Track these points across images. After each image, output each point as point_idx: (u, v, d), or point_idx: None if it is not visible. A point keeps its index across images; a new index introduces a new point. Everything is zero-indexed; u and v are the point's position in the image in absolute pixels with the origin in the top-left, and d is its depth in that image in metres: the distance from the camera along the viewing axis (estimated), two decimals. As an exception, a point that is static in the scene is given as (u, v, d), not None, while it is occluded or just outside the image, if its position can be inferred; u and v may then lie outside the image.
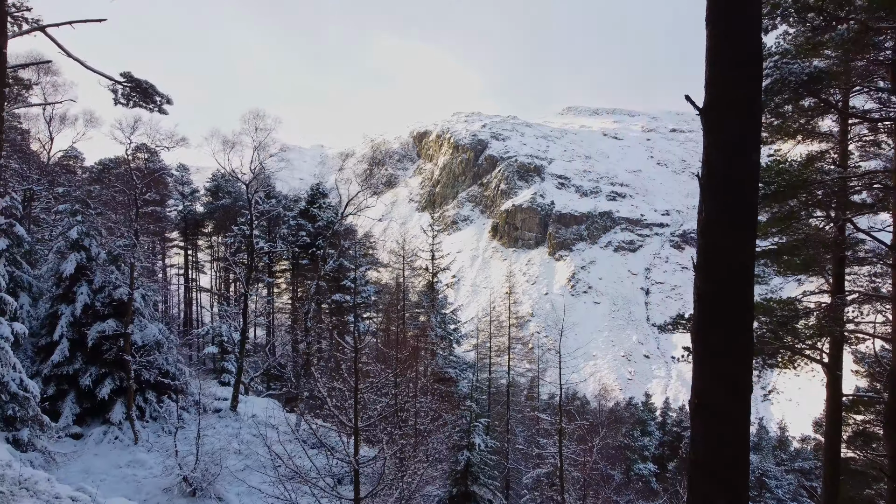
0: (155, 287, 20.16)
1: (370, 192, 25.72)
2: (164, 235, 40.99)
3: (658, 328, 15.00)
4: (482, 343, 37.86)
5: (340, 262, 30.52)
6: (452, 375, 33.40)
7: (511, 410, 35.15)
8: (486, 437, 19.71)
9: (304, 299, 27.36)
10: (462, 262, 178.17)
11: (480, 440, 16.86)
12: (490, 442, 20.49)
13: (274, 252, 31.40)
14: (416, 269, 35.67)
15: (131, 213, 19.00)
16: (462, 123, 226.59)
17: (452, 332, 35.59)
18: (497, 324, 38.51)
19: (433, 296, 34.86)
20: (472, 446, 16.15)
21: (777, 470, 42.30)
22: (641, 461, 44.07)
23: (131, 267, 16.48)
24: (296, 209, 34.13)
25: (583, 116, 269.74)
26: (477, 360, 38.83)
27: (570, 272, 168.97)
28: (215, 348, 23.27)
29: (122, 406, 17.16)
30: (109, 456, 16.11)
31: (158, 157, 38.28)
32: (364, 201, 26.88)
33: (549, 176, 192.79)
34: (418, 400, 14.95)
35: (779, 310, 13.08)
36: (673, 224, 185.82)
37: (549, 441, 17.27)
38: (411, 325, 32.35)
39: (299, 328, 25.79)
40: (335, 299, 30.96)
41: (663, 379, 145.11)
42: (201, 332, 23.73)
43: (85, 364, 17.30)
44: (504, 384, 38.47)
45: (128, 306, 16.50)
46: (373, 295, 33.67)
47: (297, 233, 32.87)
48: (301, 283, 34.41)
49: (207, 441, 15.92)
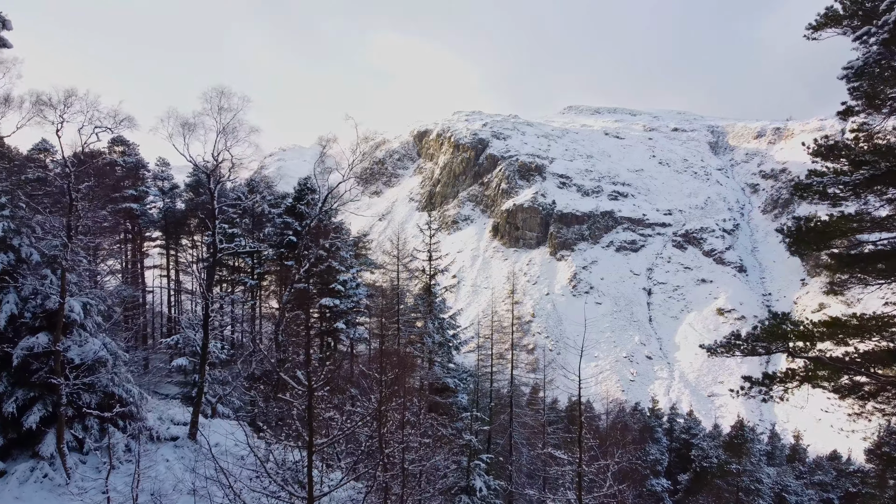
0: (101, 294, 17.51)
1: (356, 183, 22.72)
2: (143, 234, 38.42)
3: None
4: (483, 344, 35.26)
5: (329, 264, 27.93)
6: (451, 385, 30.88)
7: (514, 422, 32.59)
8: (489, 477, 17.12)
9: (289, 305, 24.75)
10: (462, 262, 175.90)
11: (482, 482, 14.38)
12: (493, 483, 17.86)
13: (256, 252, 28.78)
14: (413, 270, 33.16)
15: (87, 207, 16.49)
16: (463, 122, 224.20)
17: (451, 339, 33.04)
18: (499, 327, 35.98)
19: (430, 299, 32.31)
20: (471, 490, 13.70)
21: (797, 484, 39.80)
22: (654, 476, 41.49)
23: (63, 271, 13.80)
24: (283, 206, 31.52)
25: (584, 115, 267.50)
26: (478, 364, 36.32)
27: (572, 272, 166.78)
28: (184, 360, 20.62)
29: (54, 436, 14.57)
30: (33, 500, 13.48)
31: (135, 149, 35.74)
32: (347, 192, 23.78)
33: (550, 175, 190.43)
34: (406, 433, 12.38)
35: None
36: (675, 224, 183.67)
37: (565, 481, 14.72)
38: (407, 332, 29.80)
39: (283, 336, 23.16)
40: (324, 304, 28.39)
41: (665, 380, 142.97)
42: (169, 341, 21.11)
43: (10, 387, 14.50)
44: (506, 391, 36.01)
45: (58, 317, 13.84)
46: (364, 298, 31.06)
47: (283, 231, 30.32)
48: (287, 286, 31.82)
49: (154, 479, 13.35)
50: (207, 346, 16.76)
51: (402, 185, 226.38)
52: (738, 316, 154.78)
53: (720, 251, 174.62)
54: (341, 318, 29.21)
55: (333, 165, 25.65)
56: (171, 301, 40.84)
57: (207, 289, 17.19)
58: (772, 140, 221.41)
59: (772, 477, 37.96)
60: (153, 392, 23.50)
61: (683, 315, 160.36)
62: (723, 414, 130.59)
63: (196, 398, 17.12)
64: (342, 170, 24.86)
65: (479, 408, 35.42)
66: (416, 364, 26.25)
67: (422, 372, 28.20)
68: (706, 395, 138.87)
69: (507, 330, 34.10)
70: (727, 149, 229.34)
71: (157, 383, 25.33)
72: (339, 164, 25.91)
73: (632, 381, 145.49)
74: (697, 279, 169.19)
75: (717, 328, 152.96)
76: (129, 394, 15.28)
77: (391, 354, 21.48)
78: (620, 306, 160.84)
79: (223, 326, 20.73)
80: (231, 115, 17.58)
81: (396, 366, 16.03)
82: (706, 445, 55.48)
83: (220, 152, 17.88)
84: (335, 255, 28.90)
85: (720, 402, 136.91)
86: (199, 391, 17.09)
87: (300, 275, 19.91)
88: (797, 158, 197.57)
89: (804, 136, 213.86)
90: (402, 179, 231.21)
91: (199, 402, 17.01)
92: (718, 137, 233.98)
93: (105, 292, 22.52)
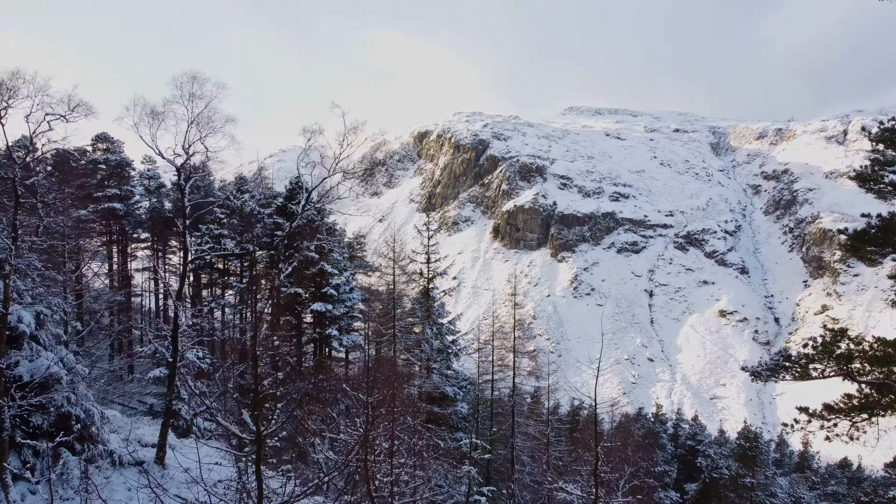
0: (58, 302, 15.88)
1: (357, 182, 20.56)
2: (129, 235, 36.78)
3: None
4: (483, 348, 33.62)
5: (322, 267, 26.35)
6: (450, 394, 29.31)
7: (517, 434, 30.98)
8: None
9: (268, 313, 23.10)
10: (463, 264, 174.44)
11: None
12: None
13: (244, 254, 27.18)
14: (411, 273, 31.60)
15: (52, 206, 15.03)
16: (463, 123, 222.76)
17: (451, 345, 31.47)
18: (500, 333, 34.41)
19: (428, 303, 30.74)
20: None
21: (811, 496, 38.18)
22: (663, 489, 39.92)
23: (3, 276, 12.15)
24: (274, 206, 29.91)
25: (585, 116, 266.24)
26: (479, 371, 34.74)
27: (573, 274, 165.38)
28: (161, 371, 19.03)
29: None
30: (-31, 540, 11.98)
31: (119, 146, 34.15)
32: (336, 188, 21.90)
33: (551, 176, 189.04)
34: (395, 464, 10.78)
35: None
36: (676, 225, 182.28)
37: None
38: (404, 338, 28.20)
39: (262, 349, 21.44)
40: (315, 309, 26.80)
41: (667, 382, 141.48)
42: (147, 350, 19.51)
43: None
44: (507, 398, 34.43)
45: (0, 329, 12.20)
46: (360, 303, 29.47)
47: (273, 233, 28.76)
48: (264, 293, 30.23)
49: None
50: (177, 359, 15.12)
51: (402, 187, 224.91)
52: (741, 318, 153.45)
53: (722, 252, 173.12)
54: (334, 325, 27.64)
55: (319, 160, 24.00)
56: (160, 305, 39.26)
57: (177, 296, 15.57)
58: (773, 141, 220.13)
59: (784, 488, 36.39)
60: (130, 407, 21.96)
61: (685, 317, 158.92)
62: (725, 417, 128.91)
63: (165, 415, 15.42)
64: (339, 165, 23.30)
65: (479, 417, 33.90)
66: (412, 375, 24.63)
67: (419, 381, 26.64)
68: (708, 398, 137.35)
69: (508, 335, 32.51)
70: (729, 150, 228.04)
71: (138, 394, 23.80)
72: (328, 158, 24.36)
73: (633, 383, 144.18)
74: (699, 281, 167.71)
75: (718, 330, 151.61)
76: (87, 414, 13.70)
77: (383, 366, 19.88)
78: (622, 308, 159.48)
79: (204, 335, 18.99)
80: (204, 104, 16.00)
81: (388, 381, 14.46)
82: (714, 453, 53.89)
83: (191, 144, 16.29)
84: (327, 257, 27.34)
85: (722, 404, 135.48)
86: (168, 410, 15.38)
87: (280, 280, 18.18)
88: (799, 159, 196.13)
89: (806, 136, 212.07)
90: (402, 180, 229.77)
91: (167, 421, 15.28)
92: (720, 138, 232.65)
93: (70, 301, 20.88)
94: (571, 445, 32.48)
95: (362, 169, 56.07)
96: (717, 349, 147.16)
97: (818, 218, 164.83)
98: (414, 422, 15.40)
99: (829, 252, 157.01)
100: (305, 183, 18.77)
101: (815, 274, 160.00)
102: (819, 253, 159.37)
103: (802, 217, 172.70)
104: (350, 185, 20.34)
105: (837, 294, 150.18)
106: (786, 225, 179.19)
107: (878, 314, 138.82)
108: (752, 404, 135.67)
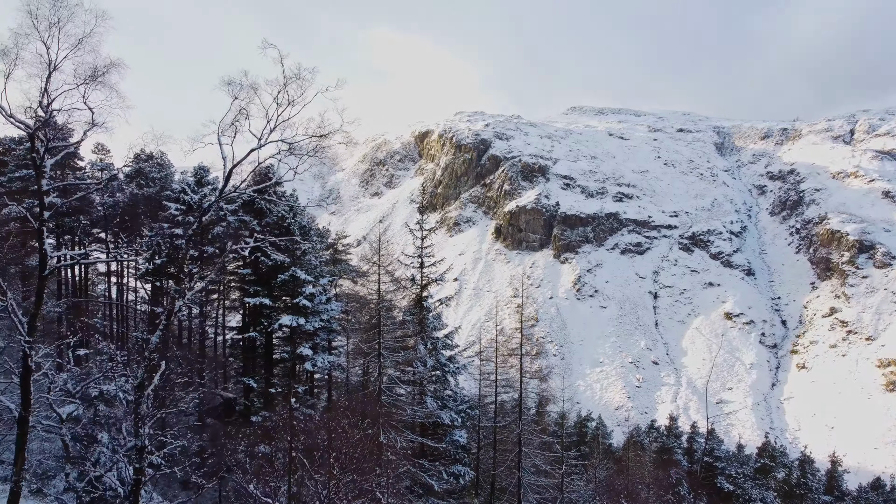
0: None
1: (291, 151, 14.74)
2: (87, 231, 32.46)
3: None
4: (484, 354, 29.28)
5: (293, 273, 22.16)
6: (446, 420, 25.15)
7: (523, 465, 26.77)
8: None
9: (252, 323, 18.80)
10: (464, 265, 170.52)
11: None
12: None
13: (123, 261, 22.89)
14: (402, 280, 27.43)
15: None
16: (464, 123, 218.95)
17: (448, 362, 27.31)
18: (506, 347, 30.26)
19: (422, 314, 26.53)
20: None
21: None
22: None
23: None
24: (239, 201, 25.60)
25: (587, 116, 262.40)
26: (480, 391, 30.63)
27: (576, 275, 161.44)
28: (74, 407, 14.77)
29: None
30: None
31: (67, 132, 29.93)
32: (287, 170, 16.40)
33: (553, 176, 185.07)
34: None
35: None
36: (681, 226, 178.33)
37: None
38: (391, 358, 23.90)
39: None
40: (284, 323, 22.61)
41: (673, 386, 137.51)
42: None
43: None
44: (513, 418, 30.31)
45: None
46: (339, 314, 25.25)
47: (238, 232, 24.64)
48: (239, 301, 26.04)
49: None
50: (28, 413, 10.62)
51: (403, 187, 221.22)
52: (747, 320, 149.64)
53: (727, 254, 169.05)
54: (307, 342, 23.46)
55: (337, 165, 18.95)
56: (118, 314, 34.99)
57: (30, 329, 10.79)
58: (779, 141, 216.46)
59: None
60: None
61: (690, 319, 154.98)
62: (732, 422, 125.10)
63: (15, 474, 10.49)
64: (339, 162, 18.90)
65: (480, 444, 29.79)
66: (398, 416, 20.39)
67: (409, 409, 22.44)
68: (714, 402, 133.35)
69: (515, 351, 28.15)
70: (733, 150, 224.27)
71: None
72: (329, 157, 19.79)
73: (638, 387, 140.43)
74: (704, 282, 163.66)
75: (724, 332, 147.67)
76: None
77: (356, 409, 15.64)
78: (626, 310, 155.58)
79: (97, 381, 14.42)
80: (75, 41, 11.21)
81: (359, 436, 10.39)
82: (735, 473, 49.79)
83: (52, 100, 11.50)
84: (301, 261, 23.19)
85: (729, 408, 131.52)
86: (14, 494, 10.53)
87: (184, 301, 13.64)
88: (805, 159, 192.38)
89: (812, 136, 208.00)
90: (403, 180, 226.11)
91: (18, 477, 10.10)
92: (724, 138, 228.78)
93: None
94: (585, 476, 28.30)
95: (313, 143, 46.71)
96: (723, 352, 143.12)
97: (826, 219, 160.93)
98: (399, 485, 11.30)
99: (837, 253, 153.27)
100: (227, 162, 14.23)
101: (822, 275, 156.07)
102: (827, 254, 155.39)
103: (809, 218, 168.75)
104: (305, 166, 15.55)
105: (846, 296, 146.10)
106: (792, 226, 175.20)
107: (889, 317, 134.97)
108: (760, 409, 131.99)
